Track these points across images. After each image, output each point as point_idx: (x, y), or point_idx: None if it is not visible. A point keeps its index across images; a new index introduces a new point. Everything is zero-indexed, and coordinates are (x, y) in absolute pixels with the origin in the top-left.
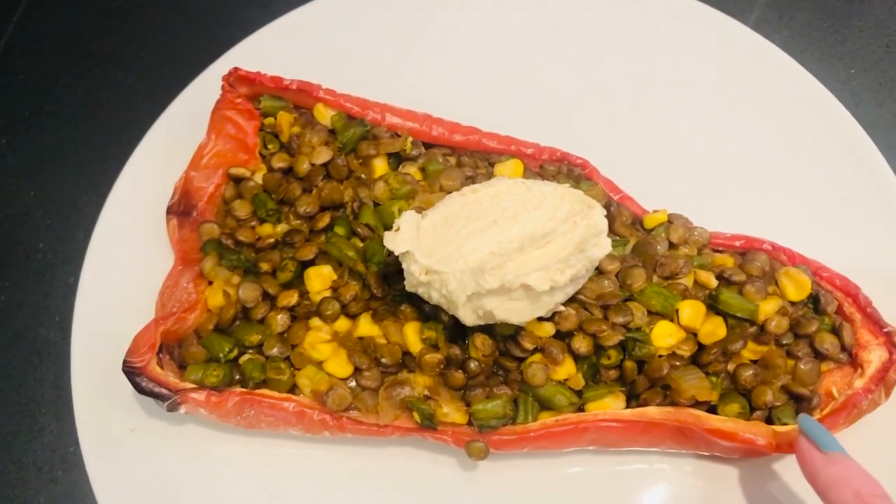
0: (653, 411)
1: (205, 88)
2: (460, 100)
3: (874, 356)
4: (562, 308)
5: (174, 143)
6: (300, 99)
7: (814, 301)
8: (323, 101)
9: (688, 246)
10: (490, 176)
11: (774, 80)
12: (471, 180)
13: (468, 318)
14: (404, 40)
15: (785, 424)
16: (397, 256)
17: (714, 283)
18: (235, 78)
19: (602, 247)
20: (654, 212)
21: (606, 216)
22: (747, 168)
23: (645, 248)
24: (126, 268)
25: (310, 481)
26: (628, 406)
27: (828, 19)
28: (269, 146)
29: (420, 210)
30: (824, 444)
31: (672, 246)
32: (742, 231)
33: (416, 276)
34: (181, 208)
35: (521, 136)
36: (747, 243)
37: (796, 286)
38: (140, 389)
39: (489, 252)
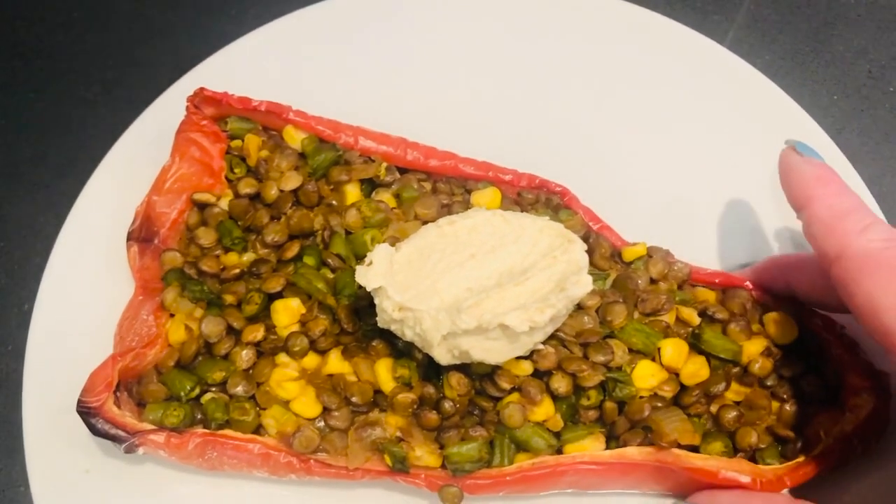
0: (632, 452)
1: (169, 107)
2: (436, 123)
3: (863, 400)
4: (540, 346)
5: (136, 165)
6: (269, 121)
7: (798, 341)
8: (293, 123)
9: (667, 281)
10: (467, 204)
11: (756, 105)
12: (447, 208)
13: (443, 357)
14: (379, 60)
15: (769, 465)
16: (369, 291)
17: (697, 320)
18: (201, 98)
19: (583, 285)
20: (633, 244)
21: (586, 249)
22: (727, 197)
23: (625, 283)
24: (84, 295)
25: None
26: (608, 447)
27: (810, 44)
28: (236, 170)
29: (394, 241)
30: (805, 151)
31: (652, 281)
32: (721, 265)
33: (388, 313)
34: (142, 234)
35: (498, 161)
36: (726, 280)
37: (783, 330)
38: (95, 431)
39: (466, 288)
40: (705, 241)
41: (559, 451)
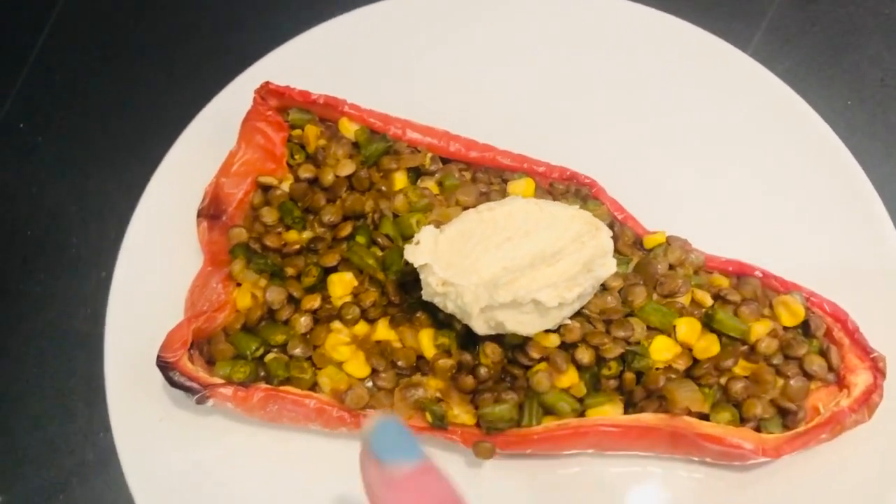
0: (648, 417)
1: (233, 97)
2: (477, 118)
3: (860, 379)
4: (567, 321)
5: (204, 149)
6: (326, 113)
7: (804, 325)
8: (348, 115)
9: (684, 267)
10: (503, 192)
11: (773, 109)
12: (485, 196)
13: (480, 328)
14: (426, 59)
15: (771, 433)
16: (415, 267)
17: (710, 302)
18: (266, 91)
19: (608, 267)
20: (654, 233)
21: (611, 236)
22: (742, 193)
23: (646, 268)
24: (157, 264)
25: (327, 472)
26: (626, 413)
27: (827, 52)
28: (296, 157)
29: (437, 224)
30: (388, 455)
31: (670, 267)
32: (735, 255)
33: (433, 287)
34: (211, 212)
35: (533, 154)
36: (739, 269)
37: (790, 313)
38: (172, 383)
39: (502, 267)
40: (719, 232)
41: (582, 415)
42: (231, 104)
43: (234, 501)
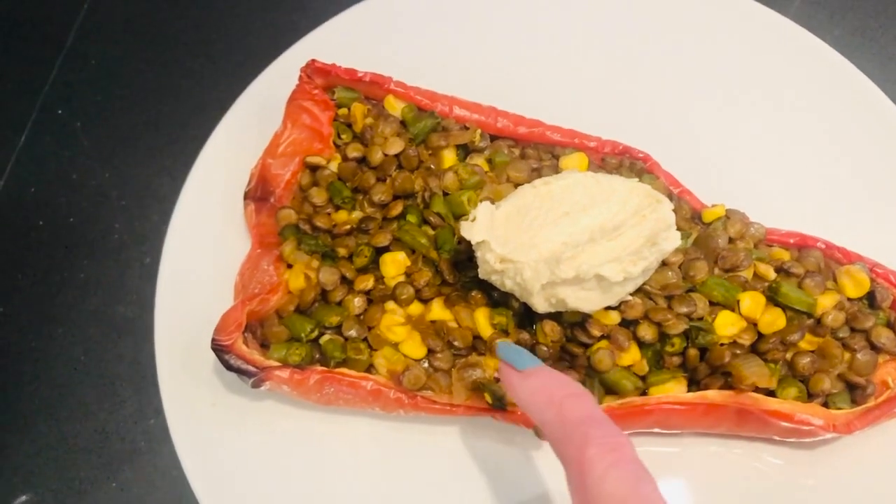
0: (713, 394)
1: (276, 78)
2: (524, 93)
3: None
4: (629, 297)
5: (248, 132)
6: (372, 91)
7: (869, 296)
8: (394, 93)
9: (744, 241)
10: (555, 168)
11: (827, 79)
12: (537, 172)
13: (540, 305)
14: (470, 33)
15: (840, 409)
16: (467, 244)
17: (773, 275)
18: (312, 69)
19: (672, 239)
20: (713, 206)
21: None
22: (800, 165)
23: (707, 242)
24: (205, 248)
25: (383, 456)
26: (689, 391)
27: (879, 18)
28: (343, 136)
29: (490, 201)
30: (520, 364)
31: (731, 240)
32: (795, 228)
33: (490, 265)
34: (258, 194)
35: (583, 129)
36: (801, 241)
37: (855, 283)
38: (228, 366)
39: (562, 242)
40: (776, 205)
41: (644, 394)
42: (274, 85)
43: (290, 487)
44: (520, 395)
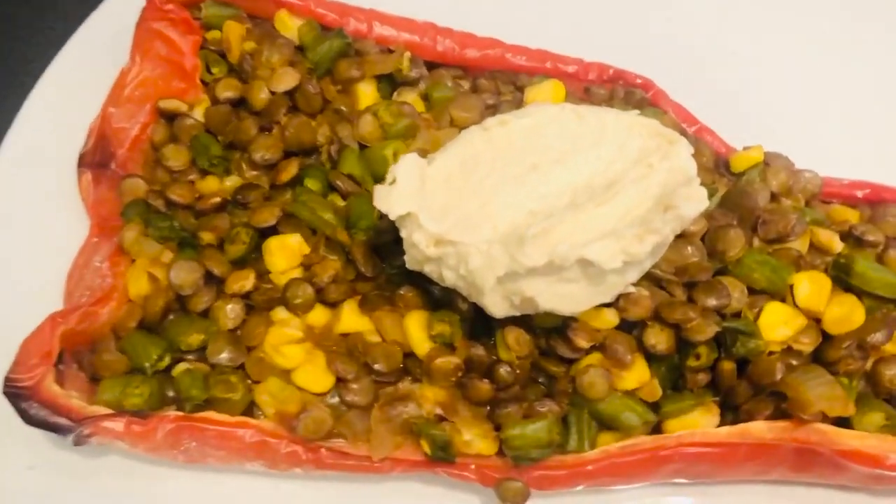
0: (760, 428)
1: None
2: (475, 3)
3: None
4: (631, 288)
5: (89, 72)
6: (256, 5)
7: None
8: (287, 6)
9: (792, 197)
10: (519, 104)
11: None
12: (492, 110)
13: (498, 307)
14: None
15: None
16: (392, 219)
17: (839, 245)
18: None
19: (696, 199)
20: (745, 149)
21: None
22: (861, 91)
23: (740, 200)
24: (24, 240)
25: None
26: (723, 422)
27: None
28: (214, 69)
29: (424, 153)
30: None
31: (773, 197)
32: (861, 176)
33: (421, 249)
34: (97, 158)
35: (558, 49)
36: (874, 194)
37: None
38: (28, 419)
39: (528, 211)
40: (831, 146)
41: (658, 430)
42: (122, 11)
43: None
44: None
